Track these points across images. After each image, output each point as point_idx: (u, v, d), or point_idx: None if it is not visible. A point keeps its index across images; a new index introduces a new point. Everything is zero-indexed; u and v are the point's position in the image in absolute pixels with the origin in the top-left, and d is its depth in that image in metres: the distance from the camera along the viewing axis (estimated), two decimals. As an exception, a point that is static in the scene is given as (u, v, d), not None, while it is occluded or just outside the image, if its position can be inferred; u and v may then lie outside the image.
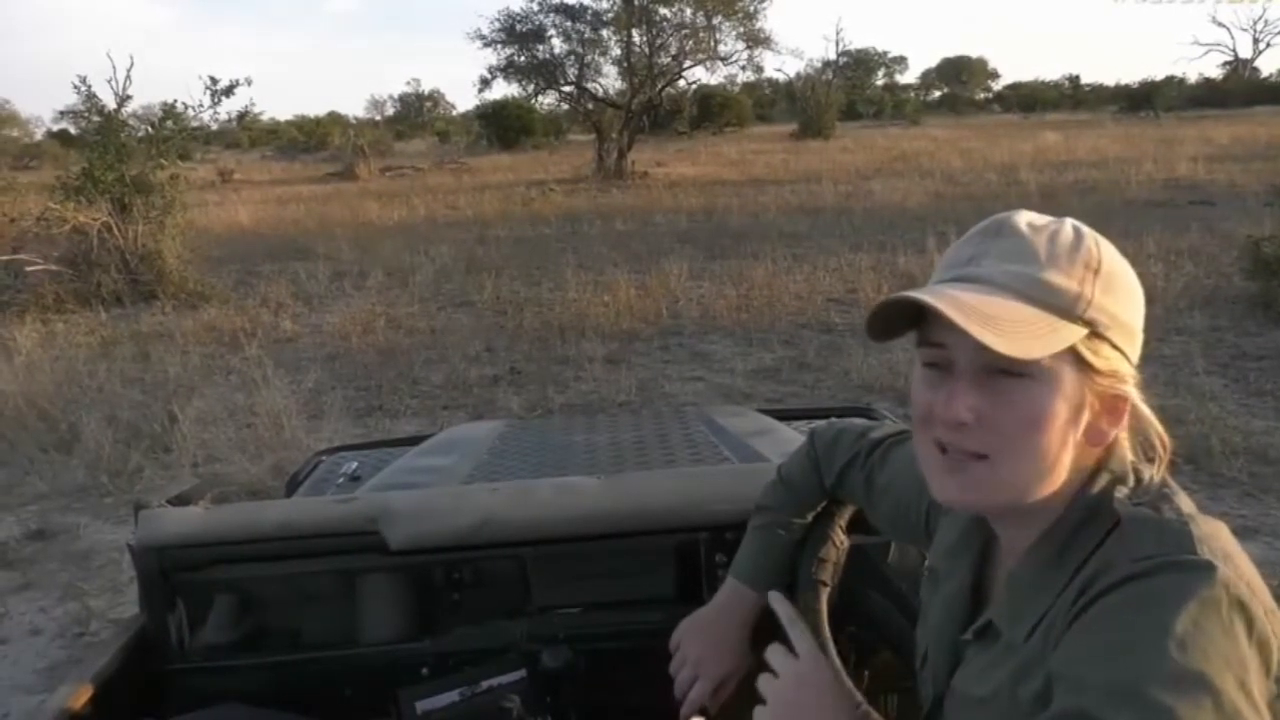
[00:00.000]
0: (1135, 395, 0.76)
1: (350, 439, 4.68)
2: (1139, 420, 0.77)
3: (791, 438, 1.91)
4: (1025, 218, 0.77)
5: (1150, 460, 0.78)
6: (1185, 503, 0.73)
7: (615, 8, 22.52)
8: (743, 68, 23.97)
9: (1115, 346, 0.75)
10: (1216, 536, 0.69)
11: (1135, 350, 0.76)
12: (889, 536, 1.18)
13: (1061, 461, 0.74)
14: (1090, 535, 0.74)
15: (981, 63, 77.74)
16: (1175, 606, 0.63)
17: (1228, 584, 0.64)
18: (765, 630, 1.23)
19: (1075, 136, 25.77)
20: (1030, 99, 57.61)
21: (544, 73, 23.54)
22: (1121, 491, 0.75)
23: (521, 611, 1.36)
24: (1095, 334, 0.74)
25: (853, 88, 54.03)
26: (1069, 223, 0.78)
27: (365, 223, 14.61)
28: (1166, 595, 0.64)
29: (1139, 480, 0.76)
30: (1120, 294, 0.75)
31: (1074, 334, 0.72)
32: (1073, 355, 0.73)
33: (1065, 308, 0.73)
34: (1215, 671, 0.60)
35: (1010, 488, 0.75)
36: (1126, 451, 0.78)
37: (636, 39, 22.60)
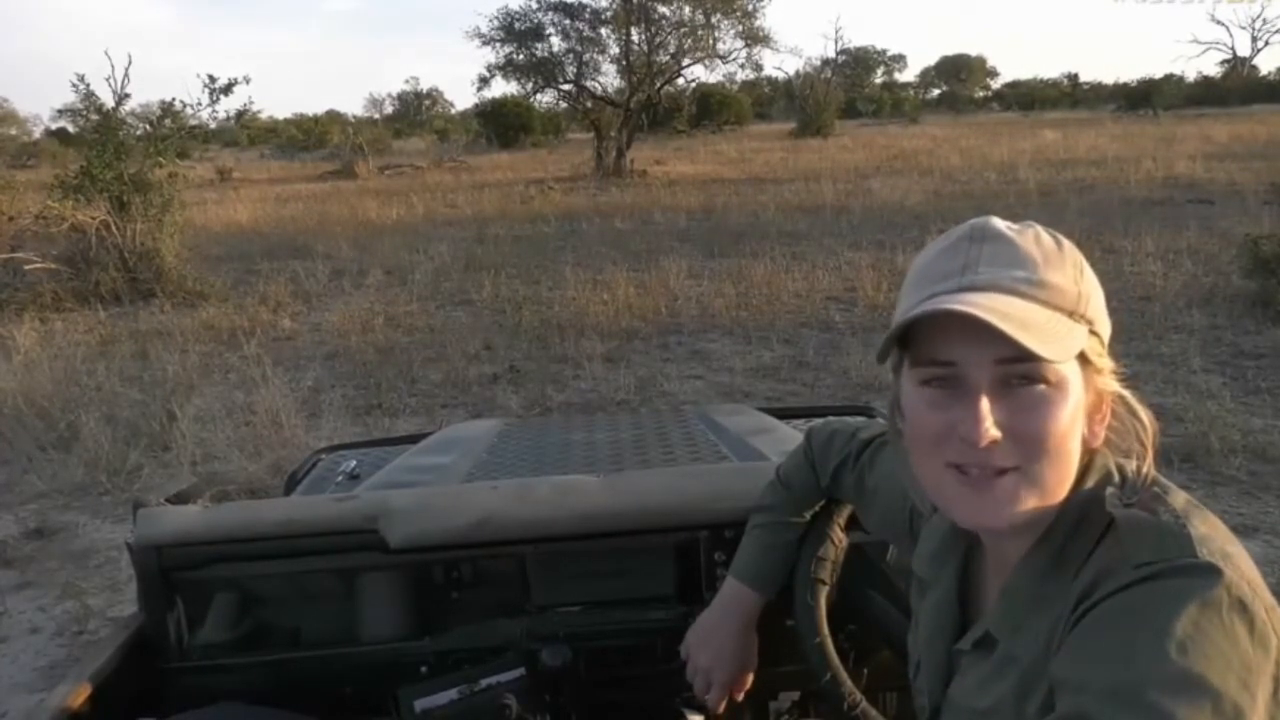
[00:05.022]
0: (1124, 390, 0.76)
1: (349, 437, 4.68)
2: (1119, 417, 0.77)
3: (790, 436, 1.91)
4: (1000, 223, 0.76)
5: (1127, 455, 0.77)
6: (1179, 500, 0.72)
7: (614, 6, 22.51)
8: (742, 66, 23.97)
9: (1102, 342, 0.75)
10: (1214, 536, 0.68)
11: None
12: (881, 538, 1.19)
13: (1075, 464, 0.74)
14: (1084, 538, 0.73)
15: (980, 61, 77.81)
16: (1176, 609, 0.62)
17: (1229, 585, 0.63)
18: (768, 625, 1.23)
19: (1074, 135, 25.75)
20: (1029, 97, 57.63)
21: (543, 71, 23.52)
22: (1110, 490, 0.74)
23: (521, 610, 1.35)
24: (1091, 331, 0.74)
25: (852, 86, 54.09)
26: (1036, 225, 0.77)
27: (364, 221, 14.59)
28: (1167, 599, 0.64)
29: (1123, 477, 0.76)
30: (1098, 290, 0.76)
31: (1082, 334, 0.73)
32: (1079, 355, 0.73)
33: (1070, 308, 0.73)
34: (1216, 673, 0.60)
35: (1040, 498, 0.72)
36: (1107, 449, 0.77)
37: (635, 37, 22.58)
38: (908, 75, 77.94)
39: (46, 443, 5.05)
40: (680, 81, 24.80)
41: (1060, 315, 0.72)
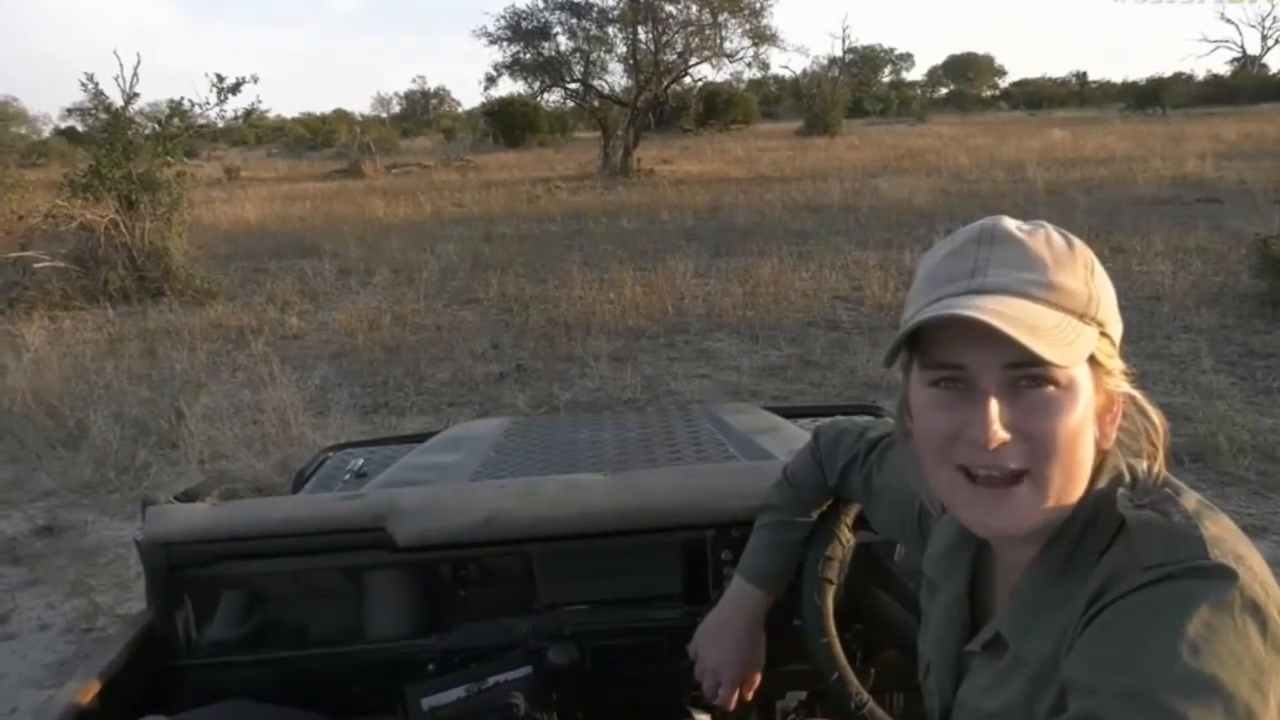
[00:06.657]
0: (1135, 390, 0.76)
1: (356, 436, 4.68)
2: (1129, 417, 0.76)
3: (797, 435, 1.90)
4: (1011, 223, 0.76)
5: (1138, 455, 0.77)
6: (1190, 501, 0.72)
7: (621, 5, 22.56)
8: (749, 65, 24.06)
9: (1113, 343, 0.75)
10: (1226, 537, 0.68)
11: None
12: (888, 538, 1.18)
13: (1087, 466, 0.73)
14: (1095, 540, 0.73)
15: (988, 60, 77.57)
16: (1187, 611, 0.62)
17: (1241, 586, 0.63)
18: (775, 624, 1.23)
19: (1082, 134, 25.68)
20: (1037, 96, 57.56)
21: (550, 70, 23.57)
22: (1121, 491, 0.74)
23: (528, 608, 1.35)
24: (1102, 333, 0.73)
25: (859, 85, 53.89)
26: (1047, 225, 0.76)
27: (371, 220, 14.62)
28: (1179, 600, 0.63)
29: (1135, 477, 0.75)
30: (1109, 291, 0.75)
31: (1092, 336, 0.72)
32: (1089, 357, 0.72)
33: (1081, 310, 0.72)
34: (1228, 675, 0.60)
35: (1052, 504, 0.72)
36: (1117, 449, 0.77)
37: (642, 36, 22.63)
38: (915, 74, 77.81)
39: (55, 440, 5.07)
40: (687, 80, 24.89)
41: (1070, 318, 0.71)
